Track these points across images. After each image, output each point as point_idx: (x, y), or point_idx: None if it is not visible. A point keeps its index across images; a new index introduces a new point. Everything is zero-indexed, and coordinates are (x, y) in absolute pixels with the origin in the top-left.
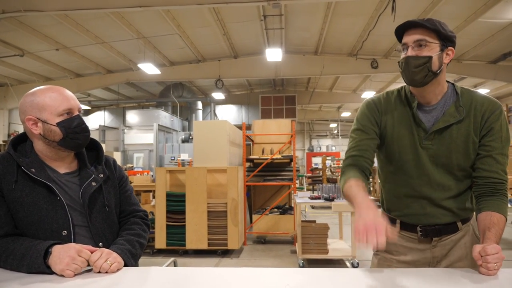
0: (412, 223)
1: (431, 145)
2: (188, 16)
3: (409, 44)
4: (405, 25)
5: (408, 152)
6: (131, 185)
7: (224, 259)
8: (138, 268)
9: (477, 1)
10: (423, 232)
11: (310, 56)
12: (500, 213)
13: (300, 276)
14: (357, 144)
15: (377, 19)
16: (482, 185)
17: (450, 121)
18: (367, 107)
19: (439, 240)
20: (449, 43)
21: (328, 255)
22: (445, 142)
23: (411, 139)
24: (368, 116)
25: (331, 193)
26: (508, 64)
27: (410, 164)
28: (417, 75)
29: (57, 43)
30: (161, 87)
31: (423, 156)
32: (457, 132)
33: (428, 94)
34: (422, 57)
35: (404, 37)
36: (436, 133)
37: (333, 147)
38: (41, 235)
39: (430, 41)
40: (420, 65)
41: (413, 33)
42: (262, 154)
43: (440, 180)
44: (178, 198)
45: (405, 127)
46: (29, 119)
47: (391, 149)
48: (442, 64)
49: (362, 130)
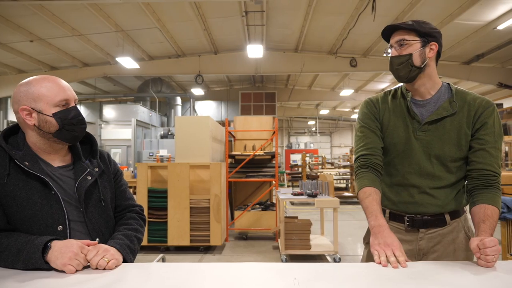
0: (400, 213)
1: (424, 136)
2: (168, 10)
3: (393, 45)
4: (387, 29)
5: (402, 143)
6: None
7: (207, 255)
8: (139, 264)
9: (453, 3)
10: (410, 222)
11: (291, 53)
12: (494, 206)
13: (307, 270)
14: (365, 143)
15: (357, 18)
16: (476, 177)
17: (443, 114)
18: (366, 106)
19: (426, 232)
20: (431, 38)
21: (310, 251)
22: (438, 134)
23: (406, 130)
24: (368, 114)
25: (313, 189)
26: (481, 65)
27: (403, 154)
28: (401, 71)
29: (31, 34)
30: (139, 82)
31: (415, 147)
32: (450, 124)
33: (420, 88)
34: (403, 55)
35: (390, 39)
36: (430, 124)
37: (312, 144)
38: (36, 230)
39: (409, 40)
40: (402, 62)
41: (395, 35)
42: (244, 151)
43: (430, 170)
44: (160, 194)
45: (400, 119)
46: (23, 109)
47: (386, 142)
48: (425, 59)
49: (366, 127)
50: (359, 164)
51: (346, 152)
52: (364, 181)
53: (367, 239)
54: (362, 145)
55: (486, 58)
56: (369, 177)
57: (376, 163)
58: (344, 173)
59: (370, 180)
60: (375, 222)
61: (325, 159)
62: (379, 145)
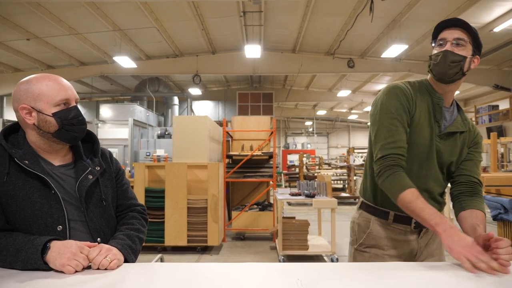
0: (407, 215)
1: (439, 143)
2: (166, 10)
3: (449, 39)
4: (449, 21)
5: (425, 145)
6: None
7: (204, 255)
8: (140, 264)
9: (451, 5)
10: (417, 223)
11: (288, 54)
12: (483, 212)
13: (309, 271)
14: (396, 140)
15: (355, 19)
16: (464, 183)
17: (459, 129)
18: (401, 93)
19: (426, 231)
20: (478, 51)
21: (308, 251)
22: (449, 145)
23: (430, 133)
24: (403, 103)
25: (311, 189)
26: (477, 67)
27: (423, 156)
28: (451, 69)
29: (28, 33)
30: (136, 81)
31: (434, 151)
32: (459, 140)
33: (448, 93)
34: (459, 54)
35: (444, 32)
36: (447, 134)
37: (309, 145)
38: (35, 230)
39: (467, 42)
40: (456, 61)
41: (454, 31)
42: (242, 151)
43: (439, 176)
44: (157, 194)
45: (427, 119)
46: (23, 108)
47: (411, 139)
48: (469, 68)
49: (399, 120)
50: (390, 163)
51: (343, 152)
52: (405, 180)
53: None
54: (393, 141)
55: (482, 60)
56: (409, 181)
57: (404, 165)
58: (341, 174)
59: (410, 181)
60: (445, 225)
61: (322, 160)
62: (406, 145)
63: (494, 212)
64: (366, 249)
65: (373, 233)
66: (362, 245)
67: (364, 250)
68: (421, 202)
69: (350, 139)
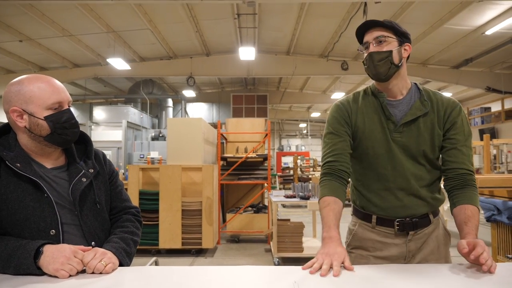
0: (389, 218)
1: (400, 137)
2: (160, 11)
3: (370, 41)
4: (364, 25)
5: (380, 146)
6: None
7: (198, 258)
8: (135, 268)
9: (443, 8)
10: (400, 226)
11: (282, 56)
12: (473, 205)
13: (305, 274)
14: (331, 150)
15: (348, 21)
16: (452, 177)
17: (417, 114)
18: (336, 110)
19: (414, 234)
20: (405, 39)
21: (303, 253)
22: (413, 135)
23: (383, 132)
24: (338, 118)
25: (305, 191)
26: (469, 69)
27: (384, 157)
28: (381, 68)
29: (20, 34)
30: (130, 83)
31: (394, 148)
32: (423, 125)
33: (393, 87)
34: (384, 51)
35: (365, 36)
36: (405, 125)
37: (303, 147)
38: (27, 234)
39: (388, 37)
40: (383, 58)
41: (373, 31)
42: (236, 153)
43: (413, 170)
44: (151, 196)
45: (375, 121)
46: (14, 110)
47: (364, 145)
48: (401, 58)
49: (334, 133)
50: (323, 171)
51: None
52: (325, 190)
53: (352, 244)
54: (328, 151)
55: (474, 62)
56: (330, 186)
57: (342, 169)
58: None
59: (331, 189)
60: (326, 234)
61: (316, 162)
62: (346, 151)
63: (487, 213)
64: (353, 250)
65: (358, 235)
66: (349, 246)
67: (350, 251)
68: (326, 210)
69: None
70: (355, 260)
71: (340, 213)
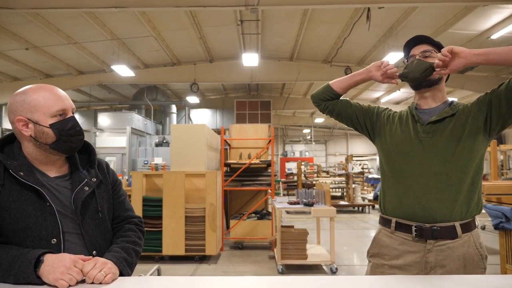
0: (407, 223)
1: (429, 137)
2: (164, 19)
3: (416, 54)
4: (414, 39)
5: (407, 145)
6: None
7: (202, 265)
8: (136, 278)
9: (448, 13)
10: (418, 232)
11: (286, 62)
12: None
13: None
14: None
15: (352, 27)
16: None
17: (443, 115)
18: (375, 106)
19: (435, 244)
20: None
21: (307, 261)
22: (441, 133)
23: (407, 132)
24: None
25: (309, 198)
26: (474, 74)
27: (408, 155)
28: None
29: (27, 42)
30: (134, 90)
31: (421, 148)
32: (452, 124)
33: (430, 97)
34: (427, 62)
35: (412, 50)
36: (432, 125)
37: (307, 153)
38: (29, 243)
39: (434, 51)
40: (428, 68)
41: (420, 46)
42: (240, 159)
43: (436, 169)
44: (155, 203)
45: (403, 123)
46: (19, 119)
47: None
48: (442, 75)
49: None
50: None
51: (341, 160)
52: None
53: (371, 252)
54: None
55: (480, 67)
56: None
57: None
58: (340, 182)
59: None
60: (356, 72)
61: (320, 168)
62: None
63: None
64: (370, 258)
65: (378, 241)
66: (368, 253)
67: (368, 260)
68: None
69: (348, 146)
70: (371, 269)
71: None
